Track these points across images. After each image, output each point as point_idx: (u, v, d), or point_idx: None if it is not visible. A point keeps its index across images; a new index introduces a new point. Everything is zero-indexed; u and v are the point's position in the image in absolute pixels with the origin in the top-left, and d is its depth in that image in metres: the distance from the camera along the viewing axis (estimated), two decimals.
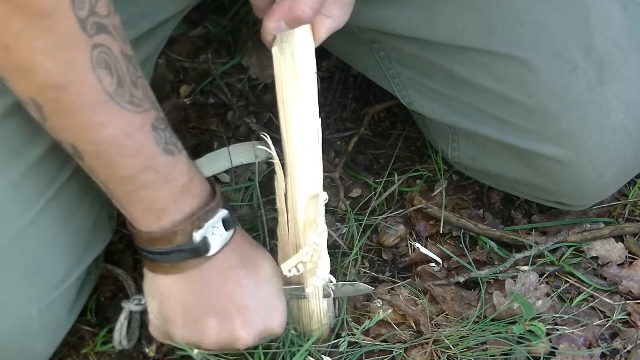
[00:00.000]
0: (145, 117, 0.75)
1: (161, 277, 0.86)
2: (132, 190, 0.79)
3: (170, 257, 0.83)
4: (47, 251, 0.86)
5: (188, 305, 0.86)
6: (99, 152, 0.75)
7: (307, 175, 0.92)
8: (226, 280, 0.86)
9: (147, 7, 0.93)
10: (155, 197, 0.79)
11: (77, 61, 0.69)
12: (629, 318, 1.07)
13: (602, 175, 1.02)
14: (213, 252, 0.83)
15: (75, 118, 0.73)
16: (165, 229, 0.81)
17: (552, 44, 0.96)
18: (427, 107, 1.09)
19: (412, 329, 1.04)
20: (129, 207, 0.81)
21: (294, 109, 0.90)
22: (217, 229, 0.83)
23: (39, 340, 0.89)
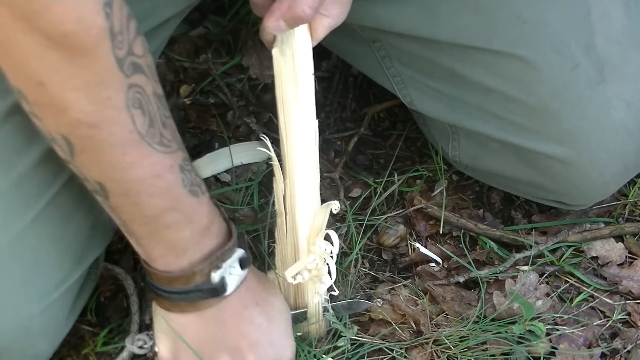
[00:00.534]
0: (174, 158, 0.75)
1: (175, 315, 0.85)
2: (155, 230, 0.78)
3: (188, 297, 0.83)
4: (47, 252, 0.86)
5: (202, 343, 0.86)
6: (128, 190, 0.75)
7: (306, 177, 0.93)
8: (241, 318, 0.86)
9: (149, 7, 0.93)
10: (178, 237, 0.79)
11: (112, 100, 0.69)
12: (629, 318, 1.07)
13: (602, 174, 1.02)
14: (230, 291, 0.83)
15: (106, 156, 0.72)
16: (184, 269, 0.81)
17: (553, 42, 0.96)
18: (428, 106, 1.09)
19: (412, 328, 1.04)
20: (149, 246, 0.80)
21: (294, 110, 0.90)
22: (234, 268, 0.83)
23: (39, 340, 0.89)
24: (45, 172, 0.84)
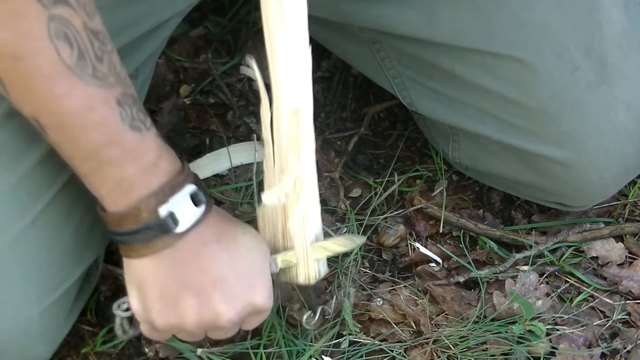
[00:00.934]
0: (109, 92, 0.74)
1: (136, 261, 0.83)
2: (97, 166, 0.77)
3: (140, 237, 0.80)
4: (46, 253, 0.86)
5: (164, 287, 0.83)
6: (61, 124, 0.74)
7: (293, 102, 0.88)
8: (200, 255, 0.83)
9: (149, 7, 0.93)
10: (122, 174, 0.78)
11: (32, 31, 0.69)
12: (629, 318, 1.07)
13: (602, 176, 1.02)
14: (183, 228, 0.81)
15: (33, 90, 0.72)
16: (131, 206, 0.79)
17: (552, 45, 0.96)
18: (428, 108, 1.09)
19: (412, 328, 1.04)
20: (95, 184, 0.79)
21: (278, 32, 0.85)
22: (185, 204, 0.81)
23: (39, 341, 0.89)
24: (44, 174, 0.84)
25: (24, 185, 0.83)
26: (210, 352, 1.00)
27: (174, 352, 1.02)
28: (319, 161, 1.24)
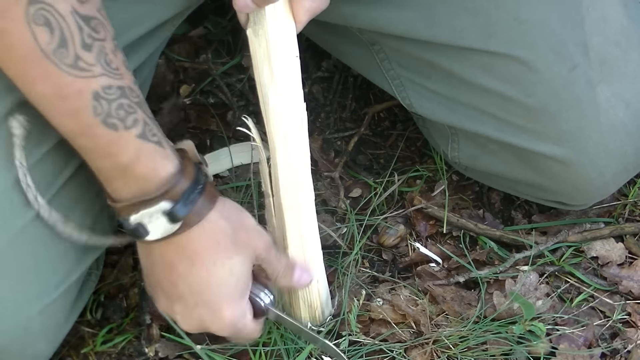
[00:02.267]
0: (87, 83, 0.73)
1: (138, 244, 0.88)
2: (77, 149, 0.78)
3: (121, 227, 0.84)
4: (47, 251, 0.86)
5: (148, 274, 0.89)
6: (37, 104, 0.75)
7: (289, 158, 0.92)
8: (172, 270, 0.85)
9: (147, 9, 0.93)
10: (97, 165, 0.79)
11: (9, 12, 0.69)
12: (629, 318, 1.07)
13: (602, 175, 1.02)
14: (152, 238, 0.82)
15: (7, 68, 0.73)
16: (113, 200, 0.81)
17: (551, 43, 0.96)
18: (427, 109, 1.09)
19: (412, 329, 1.04)
20: (86, 159, 0.80)
21: (270, 92, 0.90)
22: (157, 219, 0.81)
23: (39, 340, 0.89)
24: (44, 172, 0.84)
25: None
26: (210, 350, 1.00)
27: (173, 351, 1.02)
28: (319, 161, 1.24)
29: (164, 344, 1.03)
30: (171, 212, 0.80)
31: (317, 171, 1.23)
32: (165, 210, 0.80)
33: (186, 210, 0.81)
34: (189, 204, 0.81)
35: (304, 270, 0.96)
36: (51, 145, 0.84)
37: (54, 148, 0.84)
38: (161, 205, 0.80)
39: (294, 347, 1.00)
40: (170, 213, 0.80)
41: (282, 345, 1.00)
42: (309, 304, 1.00)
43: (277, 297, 0.99)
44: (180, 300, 0.87)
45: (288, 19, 0.88)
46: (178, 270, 0.85)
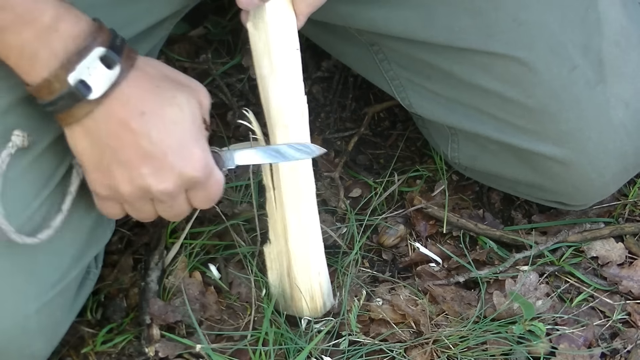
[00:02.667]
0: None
1: (68, 130, 0.82)
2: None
3: (58, 107, 0.79)
4: (44, 250, 0.86)
5: (96, 158, 0.83)
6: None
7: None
8: (125, 129, 0.81)
9: (145, 7, 0.93)
10: (19, 40, 0.76)
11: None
12: (629, 318, 1.07)
13: (602, 175, 1.02)
14: (97, 94, 0.78)
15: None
16: (43, 77, 0.77)
17: (550, 44, 0.96)
18: (427, 109, 1.09)
19: (412, 329, 1.04)
20: (3, 55, 0.78)
21: (270, 83, 0.91)
22: (96, 69, 0.78)
23: (37, 339, 0.89)
24: (43, 170, 0.84)
25: (22, 181, 0.83)
26: (210, 349, 1.00)
27: (173, 351, 1.02)
28: (319, 161, 1.24)
29: (164, 343, 1.03)
30: (106, 55, 0.78)
31: (317, 171, 1.23)
32: (101, 55, 0.78)
33: (119, 53, 0.80)
34: (118, 48, 0.80)
35: None
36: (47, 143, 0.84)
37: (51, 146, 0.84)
38: (96, 51, 0.78)
39: (294, 346, 1.00)
40: (106, 57, 0.78)
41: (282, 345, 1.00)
42: (311, 296, 1.01)
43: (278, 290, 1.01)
44: (147, 159, 0.82)
45: (288, 12, 0.89)
46: (132, 127, 0.81)
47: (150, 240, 1.13)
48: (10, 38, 0.75)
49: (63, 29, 0.77)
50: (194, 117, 0.85)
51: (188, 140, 0.84)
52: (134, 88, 0.81)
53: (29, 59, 0.77)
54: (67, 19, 0.77)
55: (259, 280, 1.07)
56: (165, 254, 1.10)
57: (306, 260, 0.99)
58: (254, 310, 1.06)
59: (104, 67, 0.78)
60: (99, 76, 0.78)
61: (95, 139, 0.81)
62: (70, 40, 0.77)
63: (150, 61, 0.84)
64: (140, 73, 0.82)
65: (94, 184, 0.85)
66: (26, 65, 0.77)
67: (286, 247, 0.99)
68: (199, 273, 1.10)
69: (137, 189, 0.84)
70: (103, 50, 0.78)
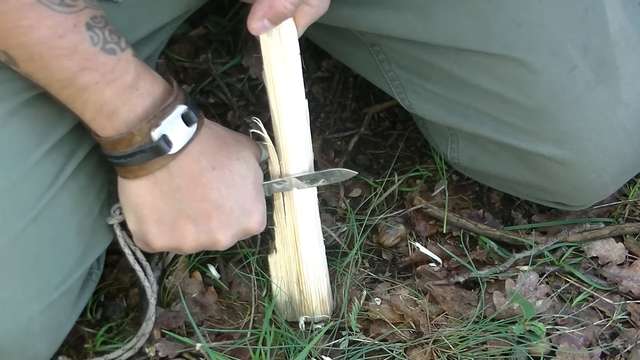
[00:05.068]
0: (78, 17, 0.75)
1: (132, 183, 0.85)
2: (75, 93, 0.78)
3: (134, 159, 0.82)
4: (48, 251, 0.86)
5: (162, 211, 0.86)
6: (32, 55, 0.74)
7: (300, 156, 0.96)
8: (197, 183, 0.85)
9: (147, 12, 0.93)
10: (101, 98, 0.78)
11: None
12: (629, 318, 1.07)
13: (601, 176, 1.02)
14: (176, 149, 0.82)
15: (2, 23, 0.72)
16: (121, 132, 0.80)
17: (550, 44, 0.96)
18: (426, 110, 1.09)
19: (412, 329, 1.04)
20: (79, 110, 0.80)
21: (284, 89, 0.93)
22: (177, 125, 0.82)
23: (40, 340, 0.89)
24: (45, 173, 0.84)
25: (26, 183, 0.83)
26: (210, 347, 1.00)
27: (173, 350, 1.02)
28: (319, 161, 1.24)
29: (164, 343, 1.03)
30: (187, 113, 0.83)
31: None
32: (184, 113, 0.83)
33: (196, 110, 0.85)
34: (194, 106, 0.85)
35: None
36: (50, 145, 0.84)
37: (54, 148, 0.84)
38: (178, 109, 0.82)
39: (294, 346, 1.00)
40: (187, 114, 0.83)
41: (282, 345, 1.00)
42: (321, 299, 1.02)
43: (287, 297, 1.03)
44: (216, 213, 0.86)
45: (292, 22, 0.92)
46: (202, 182, 0.85)
47: None
48: (92, 96, 0.78)
49: (142, 87, 0.80)
50: (257, 171, 0.91)
51: (253, 194, 0.90)
52: (206, 144, 0.86)
53: (108, 115, 0.80)
54: (146, 77, 0.81)
55: (259, 280, 1.07)
56: (165, 254, 1.10)
57: (316, 265, 1.01)
58: (254, 309, 1.06)
59: (184, 124, 0.83)
60: (179, 132, 0.82)
61: (164, 192, 0.85)
62: (149, 98, 0.81)
63: (209, 121, 0.90)
64: (209, 130, 0.87)
65: (151, 237, 0.88)
66: (104, 120, 0.80)
67: (296, 254, 1.00)
68: (199, 273, 1.10)
69: (202, 243, 0.88)
70: (185, 108, 0.83)
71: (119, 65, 0.78)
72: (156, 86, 0.82)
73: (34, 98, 0.83)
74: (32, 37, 0.73)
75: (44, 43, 0.74)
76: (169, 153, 0.82)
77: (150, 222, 0.87)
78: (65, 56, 0.75)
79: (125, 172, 0.84)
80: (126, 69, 0.79)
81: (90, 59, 0.76)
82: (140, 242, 0.91)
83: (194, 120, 0.84)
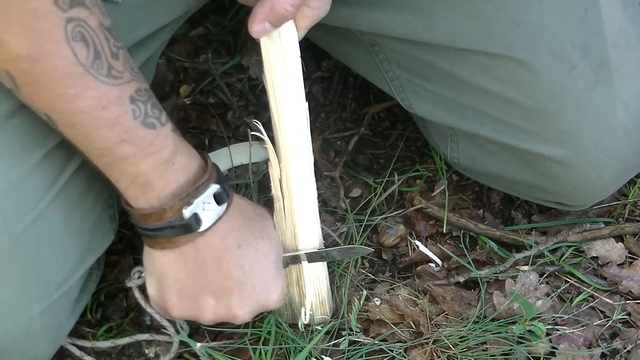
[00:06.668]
0: (123, 89, 0.75)
1: (158, 253, 0.86)
2: (112, 162, 0.79)
3: (163, 234, 0.83)
4: (48, 252, 0.86)
5: (184, 284, 0.87)
6: (74, 122, 0.75)
7: (301, 158, 0.96)
8: (221, 260, 0.86)
9: (147, 14, 0.93)
10: (137, 170, 0.79)
11: (50, 34, 0.70)
12: (629, 318, 1.07)
13: (601, 176, 1.02)
14: (205, 227, 0.83)
15: (48, 89, 0.73)
16: (154, 206, 0.81)
17: (550, 44, 0.96)
18: (426, 110, 1.09)
19: (412, 329, 1.04)
20: (113, 178, 0.81)
21: (284, 91, 0.93)
22: (209, 204, 0.83)
23: (40, 341, 0.89)
24: (45, 174, 0.84)
25: (27, 184, 0.83)
26: (210, 347, 1.00)
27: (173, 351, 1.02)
28: (319, 161, 1.24)
29: (165, 344, 1.03)
30: (219, 193, 0.84)
31: (317, 171, 1.23)
32: (216, 192, 0.83)
33: (227, 189, 0.85)
34: (226, 184, 0.85)
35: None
36: (50, 147, 0.84)
37: (54, 149, 0.84)
38: (211, 188, 0.83)
39: (294, 346, 1.00)
40: (219, 194, 0.84)
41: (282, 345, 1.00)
42: (321, 301, 1.02)
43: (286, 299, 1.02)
44: (237, 290, 0.88)
45: (293, 25, 0.91)
46: (227, 258, 0.86)
47: None
48: (129, 168, 0.79)
49: (178, 162, 0.81)
50: (278, 248, 0.93)
51: (274, 272, 0.92)
52: (233, 222, 0.87)
53: (142, 187, 0.80)
54: (182, 152, 0.82)
55: None
56: None
57: (316, 268, 1.01)
58: None
59: (215, 203, 0.83)
60: (210, 211, 0.83)
61: (189, 266, 0.86)
62: (184, 174, 0.82)
63: (237, 195, 0.90)
64: (237, 206, 0.88)
65: (170, 305, 0.90)
66: (137, 192, 0.81)
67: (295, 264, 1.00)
68: None
69: (221, 316, 0.90)
70: (218, 187, 0.84)
71: (158, 139, 0.79)
72: (192, 162, 0.83)
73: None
74: (76, 106, 0.74)
75: (87, 112, 0.74)
76: (198, 231, 0.83)
77: (172, 291, 0.88)
78: (107, 127, 0.76)
79: (153, 243, 0.86)
80: (164, 144, 0.80)
81: (130, 132, 0.77)
82: (157, 307, 0.93)
83: (224, 200, 0.85)
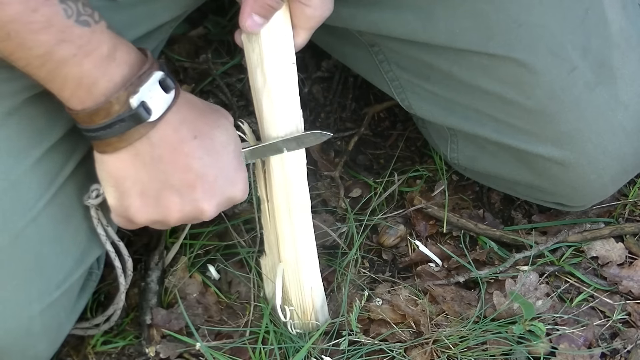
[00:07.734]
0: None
1: (111, 157, 0.83)
2: (54, 68, 0.77)
3: (114, 130, 0.80)
4: (48, 251, 0.86)
5: (144, 183, 0.84)
6: (8, 33, 0.74)
7: (283, 164, 0.93)
8: (179, 153, 0.83)
9: (144, 12, 0.93)
10: (80, 71, 0.77)
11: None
12: (629, 318, 1.07)
13: (601, 176, 1.02)
14: (155, 116, 0.81)
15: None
16: (99, 102, 0.79)
17: (550, 45, 0.96)
18: (426, 110, 1.09)
19: (412, 329, 1.04)
20: (58, 88, 0.79)
21: (263, 97, 0.90)
22: (155, 92, 0.81)
23: (40, 340, 0.89)
24: (45, 172, 0.84)
25: (25, 183, 0.83)
26: (210, 347, 1.00)
27: (174, 351, 1.02)
28: (319, 161, 1.24)
29: (165, 344, 1.03)
30: (164, 79, 0.81)
31: (317, 171, 1.23)
32: (161, 79, 0.81)
33: (172, 78, 0.83)
34: (170, 74, 0.83)
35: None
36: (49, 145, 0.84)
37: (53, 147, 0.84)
38: (155, 75, 0.81)
39: (293, 346, 1.00)
40: (164, 81, 0.81)
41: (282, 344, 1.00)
42: (302, 310, 1.00)
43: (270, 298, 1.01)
44: (199, 182, 0.84)
45: (284, 26, 0.88)
46: (184, 150, 0.83)
47: (150, 240, 1.13)
48: (72, 70, 0.77)
49: (119, 57, 0.79)
50: (236, 138, 0.89)
51: (235, 162, 0.88)
52: (185, 113, 0.84)
53: (87, 88, 0.78)
54: (121, 48, 0.80)
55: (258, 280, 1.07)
56: (165, 254, 1.11)
57: (298, 274, 0.99)
58: (253, 309, 1.06)
59: (162, 90, 0.81)
60: (158, 99, 0.81)
61: (146, 163, 0.83)
62: (127, 67, 0.80)
63: (185, 91, 0.88)
64: (186, 99, 0.85)
65: (134, 211, 0.86)
66: (83, 94, 0.79)
67: (279, 260, 0.99)
68: (198, 273, 1.10)
69: (187, 214, 0.86)
70: (162, 74, 0.81)
71: (95, 36, 0.77)
72: (133, 55, 0.81)
73: (33, 98, 0.83)
74: (5, 13, 0.72)
75: (18, 19, 0.73)
76: (149, 121, 0.80)
77: (133, 195, 0.85)
78: (41, 31, 0.74)
79: (104, 145, 0.82)
80: (102, 40, 0.78)
81: (66, 31, 0.75)
82: (121, 219, 0.88)
83: (171, 87, 0.82)
